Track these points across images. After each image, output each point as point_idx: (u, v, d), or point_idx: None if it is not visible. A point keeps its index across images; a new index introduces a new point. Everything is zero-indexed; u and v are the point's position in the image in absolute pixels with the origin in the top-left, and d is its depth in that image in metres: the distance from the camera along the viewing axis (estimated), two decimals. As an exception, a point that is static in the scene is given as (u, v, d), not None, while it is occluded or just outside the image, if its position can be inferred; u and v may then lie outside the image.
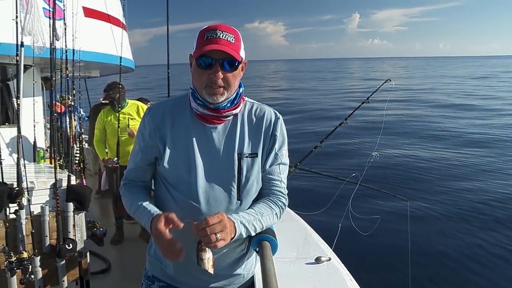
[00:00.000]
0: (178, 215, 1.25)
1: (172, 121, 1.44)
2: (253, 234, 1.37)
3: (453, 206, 7.73)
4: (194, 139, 1.41)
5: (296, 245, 2.16)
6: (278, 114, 1.51)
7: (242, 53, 1.36)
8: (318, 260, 1.96)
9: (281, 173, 1.50)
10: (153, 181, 1.58)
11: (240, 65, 1.38)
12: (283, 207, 1.49)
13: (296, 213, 2.69)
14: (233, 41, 1.31)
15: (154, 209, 1.37)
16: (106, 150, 4.52)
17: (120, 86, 4.51)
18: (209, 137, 1.42)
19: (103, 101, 6.30)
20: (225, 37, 1.29)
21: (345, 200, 2.71)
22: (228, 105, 1.40)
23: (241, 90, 1.45)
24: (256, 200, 1.47)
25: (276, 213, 1.45)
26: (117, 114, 4.39)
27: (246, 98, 1.51)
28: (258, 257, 1.64)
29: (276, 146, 1.47)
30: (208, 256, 1.24)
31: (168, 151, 1.42)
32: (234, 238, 1.28)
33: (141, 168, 1.52)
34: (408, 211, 5.47)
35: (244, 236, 1.34)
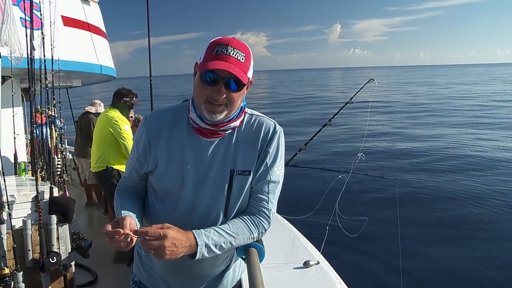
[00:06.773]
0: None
1: (169, 134, 1.36)
2: (219, 253, 1.30)
3: (442, 200, 7.86)
4: (188, 154, 1.34)
5: (284, 250, 2.15)
6: (277, 127, 1.40)
7: (250, 73, 1.27)
8: (306, 264, 1.96)
9: (269, 192, 1.38)
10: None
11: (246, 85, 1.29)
12: (263, 232, 1.40)
13: (283, 217, 2.68)
14: (243, 60, 1.22)
15: (127, 212, 1.30)
16: None
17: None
18: (203, 152, 1.34)
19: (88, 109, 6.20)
20: (235, 55, 1.21)
21: (332, 202, 2.70)
22: (227, 119, 1.32)
23: (242, 104, 1.36)
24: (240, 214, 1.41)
25: (253, 237, 1.38)
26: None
27: (247, 110, 1.42)
28: (240, 267, 1.63)
29: (268, 162, 1.36)
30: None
31: (161, 166, 1.36)
32: (196, 258, 1.23)
33: (134, 180, 1.49)
34: (398, 215, 5.49)
35: (208, 256, 1.28)
